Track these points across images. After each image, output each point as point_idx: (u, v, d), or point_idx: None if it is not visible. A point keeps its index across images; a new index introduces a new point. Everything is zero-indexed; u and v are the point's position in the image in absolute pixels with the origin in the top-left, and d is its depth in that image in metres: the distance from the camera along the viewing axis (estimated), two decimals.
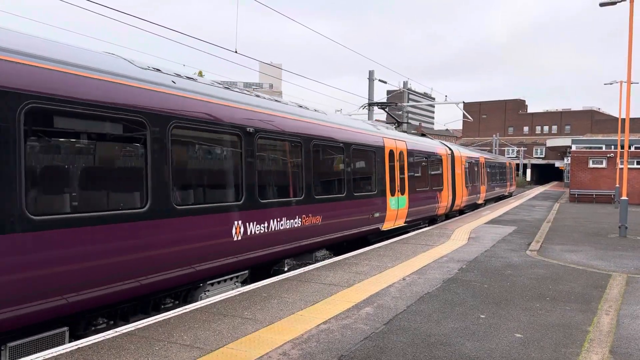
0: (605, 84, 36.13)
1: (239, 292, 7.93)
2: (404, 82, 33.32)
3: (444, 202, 20.58)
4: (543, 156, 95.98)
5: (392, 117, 21.52)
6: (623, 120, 44.26)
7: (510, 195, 44.14)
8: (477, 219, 21.13)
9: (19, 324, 5.38)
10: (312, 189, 10.89)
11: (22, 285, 5.29)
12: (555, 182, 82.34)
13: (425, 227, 18.55)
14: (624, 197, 17.02)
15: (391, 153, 15.09)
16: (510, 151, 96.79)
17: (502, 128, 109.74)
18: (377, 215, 13.91)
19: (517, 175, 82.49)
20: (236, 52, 15.06)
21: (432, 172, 19.10)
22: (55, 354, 5.22)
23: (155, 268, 6.82)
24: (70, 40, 7.47)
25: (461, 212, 25.35)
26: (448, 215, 22.63)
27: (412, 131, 26.48)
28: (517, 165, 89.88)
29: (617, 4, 17.66)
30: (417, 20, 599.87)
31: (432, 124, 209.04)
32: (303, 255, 11.62)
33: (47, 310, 5.57)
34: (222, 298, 7.58)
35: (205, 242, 7.68)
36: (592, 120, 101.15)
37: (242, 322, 6.47)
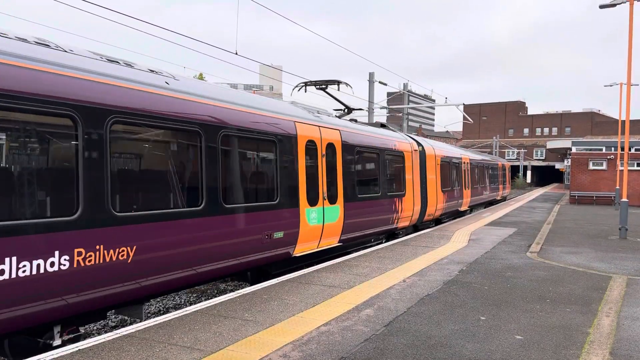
0: (605, 86, 36.17)
1: (239, 294, 7.93)
2: (404, 84, 33.37)
3: (406, 212, 16.30)
4: (543, 158, 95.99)
5: (336, 99, 15.16)
6: (623, 122, 44.36)
7: (504, 199, 40.13)
8: (478, 220, 21.12)
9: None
10: (109, 197, 6.40)
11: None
12: (556, 184, 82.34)
13: (381, 243, 14.86)
14: (624, 199, 17.02)
15: (310, 146, 10.86)
16: (511, 153, 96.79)
17: (502, 130, 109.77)
18: (279, 235, 9.60)
19: (517, 177, 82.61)
20: (236, 53, 15.07)
21: (389, 173, 14.98)
22: (55, 356, 5.22)
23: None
24: (71, 42, 7.50)
25: (438, 221, 21.10)
26: (417, 227, 18.43)
27: (413, 133, 26.28)
28: (517, 167, 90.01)
29: (617, 5, 17.68)
30: (416, 21, 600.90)
31: (433, 126, 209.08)
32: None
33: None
34: (222, 300, 7.59)
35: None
36: (592, 122, 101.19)
37: (242, 323, 6.47)
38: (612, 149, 40.44)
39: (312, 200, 10.82)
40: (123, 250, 6.48)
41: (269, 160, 9.70)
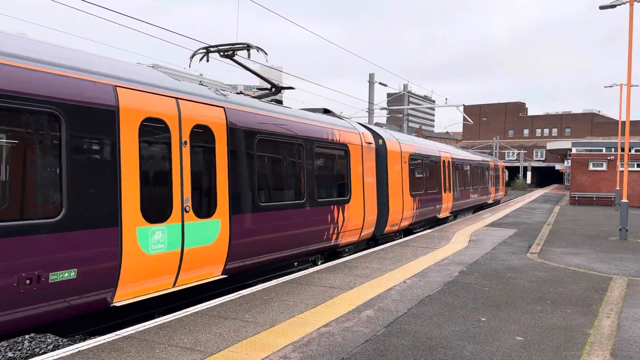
0: (605, 87, 36.19)
1: (239, 295, 7.93)
2: (404, 85, 33.38)
3: (353, 223, 12.61)
4: (543, 159, 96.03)
5: (250, 70, 11.39)
6: (623, 122, 44.37)
7: (497, 203, 36.30)
8: (478, 221, 21.11)
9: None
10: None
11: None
12: (556, 185, 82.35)
13: (315, 266, 11.33)
14: (625, 200, 17.02)
15: (153, 127, 7.20)
16: (511, 154, 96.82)
17: (502, 131, 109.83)
18: (63, 277, 5.90)
19: (517, 178, 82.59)
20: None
21: (321, 172, 11.39)
22: (55, 357, 5.22)
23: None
24: (72, 44, 7.50)
25: (408, 231, 17.66)
26: (378, 241, 15.07)
27: (413, 134, 26.21)
28: (517, 168, 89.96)
29: (617, 6, 17.68)
30: (416, 22, 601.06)
31: (433, 127, 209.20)
32: None
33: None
34: (222, 301, 7.58)
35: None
36: (592, 123, 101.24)
37: (242, 324, 6.47)
38: (612, 149, 40.43)
39: (156, 213, 7.14)
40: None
41: (46, 149, 5.88)
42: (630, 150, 38.05)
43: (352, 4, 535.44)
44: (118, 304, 6.63)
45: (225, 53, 10.48)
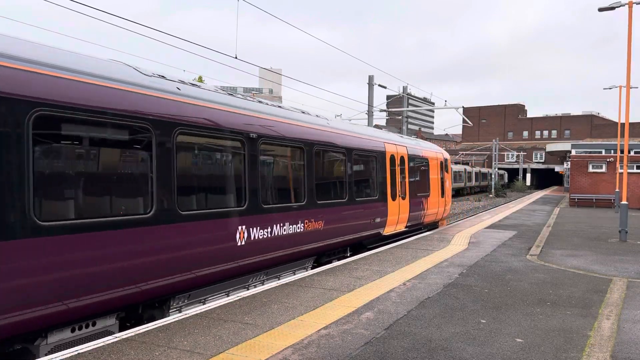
0: (604, 89, 36.22)
1: (239, 297, 7.92)
2: (403, 87, 33.40)
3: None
4: (543, 161, 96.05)
5: None
6: (622, 124, 44.44)
7: (441, 219, 20.45)
8: (478, 223, 21.12)
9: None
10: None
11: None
12: (555, 187, 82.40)
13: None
14: (624, 202, 17.02)
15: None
16: (510, 156, 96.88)
17: (501, 133, 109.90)
18: None
19: (517, 180, 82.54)
20: (236, 57, 15.10)
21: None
22: (57, 359, 5.21)
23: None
24: (76, 48, 7.45)
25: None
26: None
27: (413, 136, 25.06)
28: (517, 170, 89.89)
29: (616, 9, 17.71)
30: (416, 25, 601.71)
31: (432, 128, 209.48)
32: None
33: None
34: (222, 303, 7.58)
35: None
36: (591, 125, 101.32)
37: (242, 327, 6.46)
38: (612, 151, 40.45)
39: None
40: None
41: None
42: (629, 152, 38.06)
43: (352, 9, 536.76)
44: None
45: None
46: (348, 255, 13.18)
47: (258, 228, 8.92)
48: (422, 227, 18.34)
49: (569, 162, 45.08)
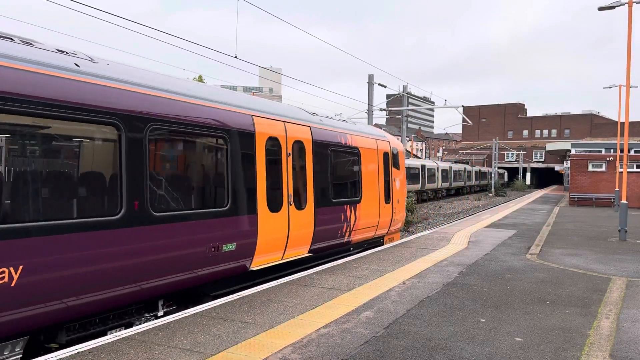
0: (604, 88, 36.23)
1: (239, 296, 7.93)
2: (403, 86, 33.39)
3: None
4: (542, 160, 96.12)
5: None
6: (622, 123, 44.46)
7: (390, 232, 15.13)
8: (477, 222, 21.13)
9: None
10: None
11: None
12: (555, 186, 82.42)
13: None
14: (624, 201, 17.03)
15: None
16: (510, 155, 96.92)
17: (501, 132, 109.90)
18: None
19: (516, 179, 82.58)
20: (236, 57, 15.10)
21: None
22: (55, 358, 5.21)
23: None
24: (79, 47, 7.41)
25: None
26: None
27: (412, 135, 24.24)
28: (517, 169, 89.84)
29: (616, 8, 17.71)
30: (416, 25, 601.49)
31: (432, 128, 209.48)
32: None
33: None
34: (221, 302, 7.58)
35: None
36: (591, 124, 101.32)
37: (242, 326, 6.46)
38: (612, 150, 40.46)
39: None
40: None
41: None
42: (629, 151, 38.08)
43: (352, 9, 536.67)
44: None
45: None
46: (160, 314, 7.65)
47: None
48: (350, 247, 12.90)
49: (568, 162, 45.10)
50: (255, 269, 9.14)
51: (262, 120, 9.33)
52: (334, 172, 11.64)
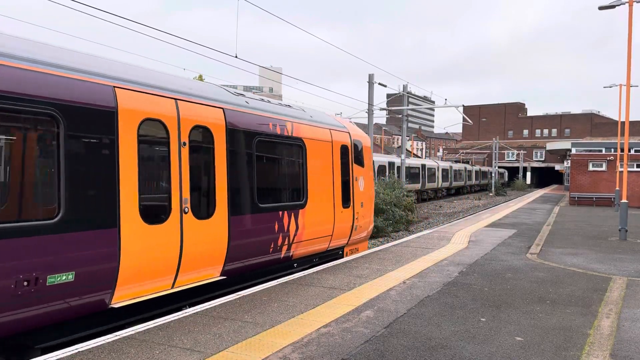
0: (604, 87, 36.23)
1: (239, 296, 7.93)
2: (403, 85, 33.38)
3: None
4: (543, 159, 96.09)
5: None
6: (623, 123, 44.43)
7: (351, 242, 12.47)
8: (478, 222, 21.12)
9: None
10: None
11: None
12: (555, 186, 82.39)
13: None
14: (624, 200, 17.03)
15: None
16: (510, 154, 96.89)
17: (501, 131, 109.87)
18: None
19: (517, 178, 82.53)
20: (236, 56, 15.10)
21: None
22: (54, 358, 5.21)
23: None
24: (84, 47, 7.30)
25: None
26: None
27: (412, 134, 24.36)
28: (517, 168, 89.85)
29: (616, 7, 17.70)
30: (416, 25, 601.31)
31: (432, 127, 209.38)
32: None
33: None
34: (222, 302, 7.58)
35: None
36: (591, 124, 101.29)
37: (242, 325, 6.46)
38: (612, 150, 40.45)
39: None
40: None
41: None
42: (629, 151, 38.04)
43: (352, 10, 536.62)
44: None
45: None
46: None
47: None
48: (291, 263, 10.30)
49: (569, 161, 45.05)
50: (120, 305, 6.51)
51: (131, 94, 6.69)
52: (263, 169, 9.11)
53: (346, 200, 11.84)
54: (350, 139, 12.29)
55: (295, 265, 10.47)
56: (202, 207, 7.82)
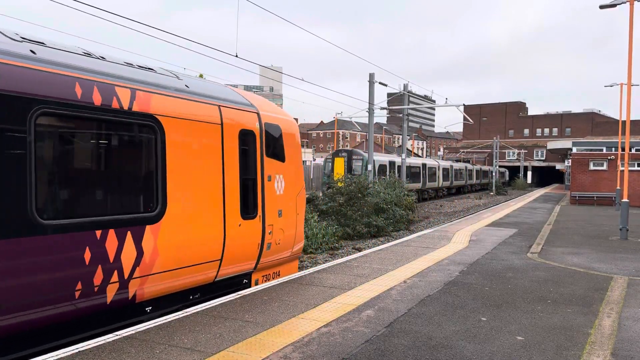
0: (605, 86, 36.17)
1: (239, 295, 7.92)
2: (404, 84, 33.37)
3: None
4: (543, 159, 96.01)
5: None
6: (624, 122, 44.40)
7: (263, 266, 9.31)
8: (478, 221, 21.11)
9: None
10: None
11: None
12: (556, 185, 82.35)
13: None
14: (625, 200, 17.01)
15: None
16: (511, 154, 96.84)
17: (502, 131, 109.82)
18: None
19: (517, 178, 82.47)
20: (237, 56, 15.10)
21: None
22: (55, 358, 5.21)
23: None
24: (86, 46, 7.30)
25: None
26: None
27: (413, 134, 24.49)
28: (518, 168, 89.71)
29: (617, 6, 17.67)
30: (416, 25, 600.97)
31: (433, 126, 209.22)
32: None
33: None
34: (222, 301, 7.58)
35: None
36: (592, 123, 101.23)
37: (242, 325, 6.46)
38: (613, 149, 40.42)
39: None
40: None
41: None
42: (630, 150, 38.01)
43: (352, 9, 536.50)
44: None
45: None
46: None
47: None
48: (143, 307, 6.97)
49: (569, 160, 45.02)
50: None
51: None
52: (53, 162, 5.82)
53: (249, 207, 8.70)
54: (260, 122, 9.05)
55: (148, 309, 7.06)
56: None
